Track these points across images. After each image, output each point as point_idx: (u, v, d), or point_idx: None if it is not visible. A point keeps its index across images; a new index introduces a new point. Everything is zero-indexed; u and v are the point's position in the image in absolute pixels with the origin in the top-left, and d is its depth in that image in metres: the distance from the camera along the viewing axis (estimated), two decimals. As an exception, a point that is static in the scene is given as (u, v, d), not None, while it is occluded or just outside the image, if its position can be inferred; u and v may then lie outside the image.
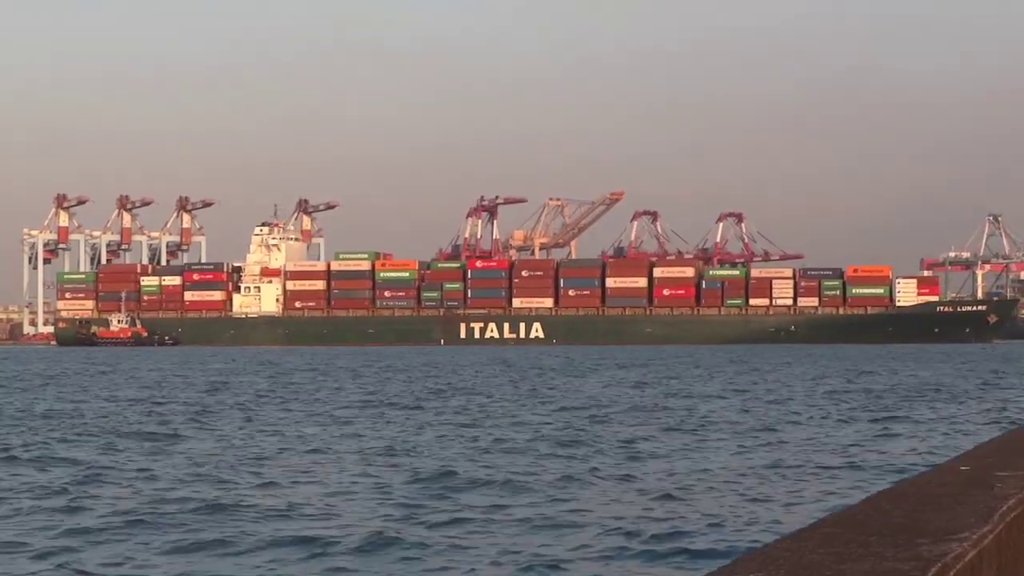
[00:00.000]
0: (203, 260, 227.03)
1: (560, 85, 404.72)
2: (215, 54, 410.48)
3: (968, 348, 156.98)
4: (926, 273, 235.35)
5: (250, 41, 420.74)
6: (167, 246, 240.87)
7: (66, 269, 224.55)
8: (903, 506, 6.50)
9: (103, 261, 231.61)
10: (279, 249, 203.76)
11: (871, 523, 6.00)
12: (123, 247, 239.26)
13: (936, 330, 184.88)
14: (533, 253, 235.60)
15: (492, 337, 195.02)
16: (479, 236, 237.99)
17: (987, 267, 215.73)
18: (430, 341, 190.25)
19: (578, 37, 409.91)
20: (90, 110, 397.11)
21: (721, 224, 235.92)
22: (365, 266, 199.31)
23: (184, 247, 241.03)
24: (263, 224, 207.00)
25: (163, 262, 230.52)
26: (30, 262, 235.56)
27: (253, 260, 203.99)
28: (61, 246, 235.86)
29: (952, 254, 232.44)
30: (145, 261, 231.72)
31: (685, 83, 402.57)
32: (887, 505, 6.58)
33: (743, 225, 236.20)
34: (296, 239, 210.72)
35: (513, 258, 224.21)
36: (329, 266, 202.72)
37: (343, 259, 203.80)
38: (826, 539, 5.58)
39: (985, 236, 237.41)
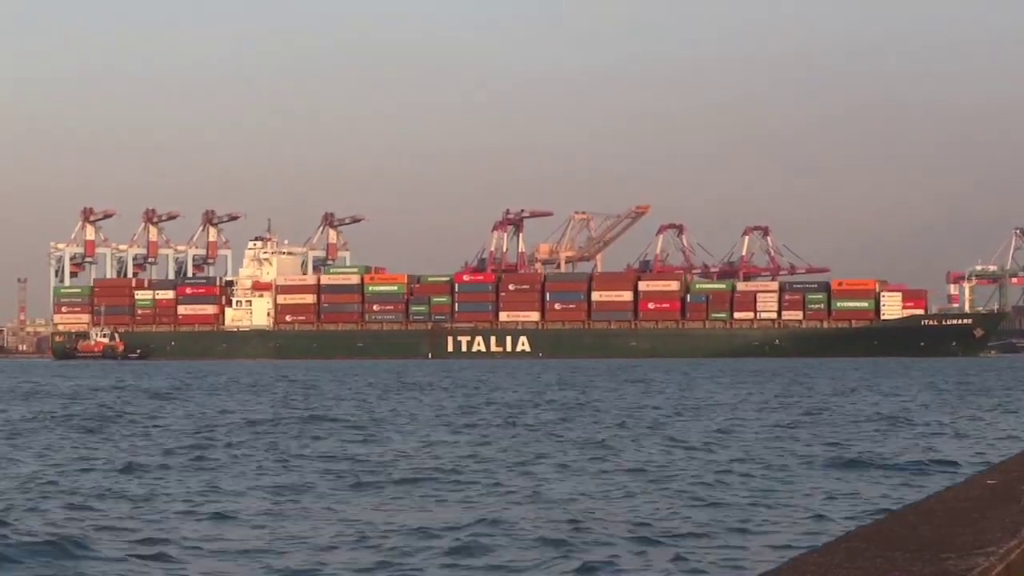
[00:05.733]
0: (229, 274, 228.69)
1: (585, 97, 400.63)
2: (236, 66, 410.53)
3: (953, 362, 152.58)
4: (951, 287, 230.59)
5: (275, 52, 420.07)
6: (193, 259, 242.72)
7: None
8: (930, 520, 6.55)
9: (129, 275, 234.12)
10: (270, 263, 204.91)
11: (897, 538, 6.05)
12: (150, 260, 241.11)
13: (922, 344, 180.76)
14: (559, 267, 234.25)
15: (479, 351, 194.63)
16: (504, 249, 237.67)
17: (973, 280, 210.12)
18: (418, 355, 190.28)
19: (602, 48, 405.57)
20: (117, 122, 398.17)
21: (747, 238, 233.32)
22: (354, 280, 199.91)
23: (210, 260, 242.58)
24: (256, 238, 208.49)
25: (189, 275, 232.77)
26: (57, 276, 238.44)
27: (245, 274, 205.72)
28: (88, 260, 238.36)
29: (979, 267, 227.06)
30: (172, 275, 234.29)
31: (711, 95, 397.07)
32: (913, 519, 6.61)
33: (769, 239, 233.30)
34: (288, 253, 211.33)
35: (540, 271, 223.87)
36: (319, 280, 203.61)
37: (333, 273, 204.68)
38: (852, 554, 5.66)
39: (1012, 249, 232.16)
